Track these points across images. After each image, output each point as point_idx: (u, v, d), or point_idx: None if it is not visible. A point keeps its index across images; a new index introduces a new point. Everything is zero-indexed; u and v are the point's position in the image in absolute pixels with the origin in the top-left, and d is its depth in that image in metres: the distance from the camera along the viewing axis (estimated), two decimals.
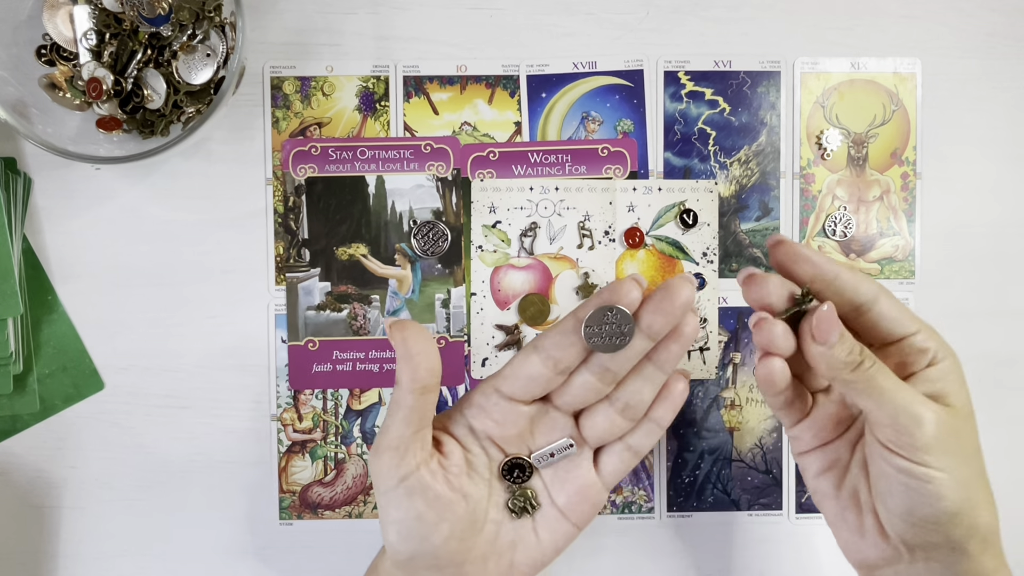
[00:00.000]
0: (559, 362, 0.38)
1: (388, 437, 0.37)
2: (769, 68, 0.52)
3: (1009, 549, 0.53)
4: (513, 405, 0.39)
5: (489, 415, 0.40)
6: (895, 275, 0.53)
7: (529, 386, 0.38)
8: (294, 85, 0.51)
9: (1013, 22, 0.53)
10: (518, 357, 0.39)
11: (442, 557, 0.38)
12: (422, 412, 0.37)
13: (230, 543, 0.51)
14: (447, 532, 0.38)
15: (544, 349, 0.38)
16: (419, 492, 0.37)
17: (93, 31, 0.47)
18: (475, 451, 0.40)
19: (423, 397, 0.37)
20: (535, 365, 0.38)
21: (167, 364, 0.51)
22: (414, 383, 0.36)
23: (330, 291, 0.51)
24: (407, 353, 0.36)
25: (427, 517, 0.38)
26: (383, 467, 0.37)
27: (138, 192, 0.51)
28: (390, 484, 0.37)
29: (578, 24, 0.52)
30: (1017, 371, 0.53)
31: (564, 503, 0.41)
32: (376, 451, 0.38)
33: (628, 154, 0.52)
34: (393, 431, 0.37)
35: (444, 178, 0.52)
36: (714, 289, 0.52)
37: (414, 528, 0.38)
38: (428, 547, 0.38)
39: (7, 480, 0.51)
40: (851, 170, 0.53)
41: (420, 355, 0.36)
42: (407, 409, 0.37)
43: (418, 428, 0.38)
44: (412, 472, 0.37)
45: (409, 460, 0.37)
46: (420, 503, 0.37)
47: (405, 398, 0.37)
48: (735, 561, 0.53)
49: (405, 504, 0.37)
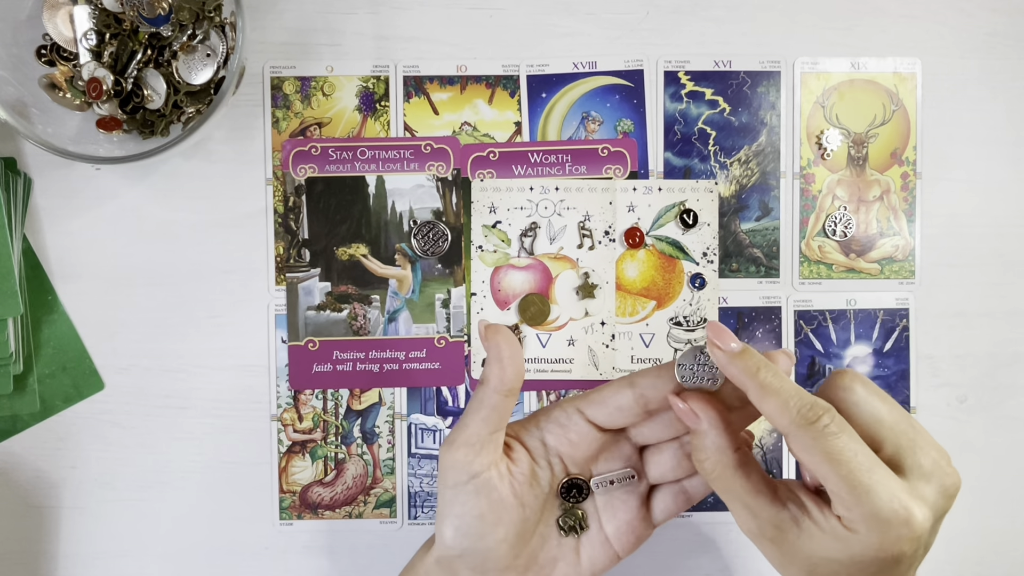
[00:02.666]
0: (649, 402, 0.39)
1: (466, 433, 0.39)
2: (769, 68, 0.52)
3: (1009, 549, 0.54)
4: (591, 429, 0.40)
5: (566, 433, 0.41)
6: (895, 275, 0.53)
7: (614, 416, 0.40)
8: (294, 85, 0.51)
9: (1013, 22, 0.53)
10: (611, 387, 0.40)
11: (490, 559, 0.39)
12: (502, 414, 0.39)
13: (230, 543, 0.51)
14: (501, 535, 0.39)
15: (638, 387, 0.39)
16: (485, 492, 0.38)
17: (93, 31, 0.47)
18: (542, 464, 0.41)
19: (506, 400, 0.38)
20: (627, 399, 0.39)
21: (167, 364, 0.51)
22: (502, 384, 0.38)
23: (330, 291, 0.51)
24: (499, 356, 0.38)
25: (487, 517, 0.38)
26: (456, 462, 0.38)
27: (138, 192, 0.51)
28: (460, 479, 0.38)
29: (578, 24, 0.52)
30: (1017, 371, 0.53)
31: (612, 531, 0.42)
32: (451, 445, 0.39)
33: (628, 154, 0.52)
34: (472, 428, 0.38)
35: (444, 178, 0.52)
36: (714, 289, 0.52)
37: (473, 526, 0.39)
38: (481, 546, 0.39)
39: (7, 480, 0.51)
40: (851, 170, 0.53)
41: (510, 359, 0.38)
42: (489, 409, 0.38)
43: (495, 429, 0.39)
44: (483, 471, 0.38)
45: (483, 459, 0.38)
46: (484, 502, 0.38)
47: (490, 397, 0.38)
48: (735, 561, 0.53)
49: (471, 501, 0.38)
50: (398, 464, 0.52)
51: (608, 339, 0.52)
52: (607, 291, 0.52)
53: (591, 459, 0.41)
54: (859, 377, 0.36)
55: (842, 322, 0.53)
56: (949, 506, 0.35)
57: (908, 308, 0.53)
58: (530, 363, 0.52)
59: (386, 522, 0.52)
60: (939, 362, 0.53)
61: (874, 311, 0.53)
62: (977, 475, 0.53)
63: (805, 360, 0.53)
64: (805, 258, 0.53)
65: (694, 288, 0.52)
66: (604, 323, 0.52)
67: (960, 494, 0.53)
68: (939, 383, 0.53)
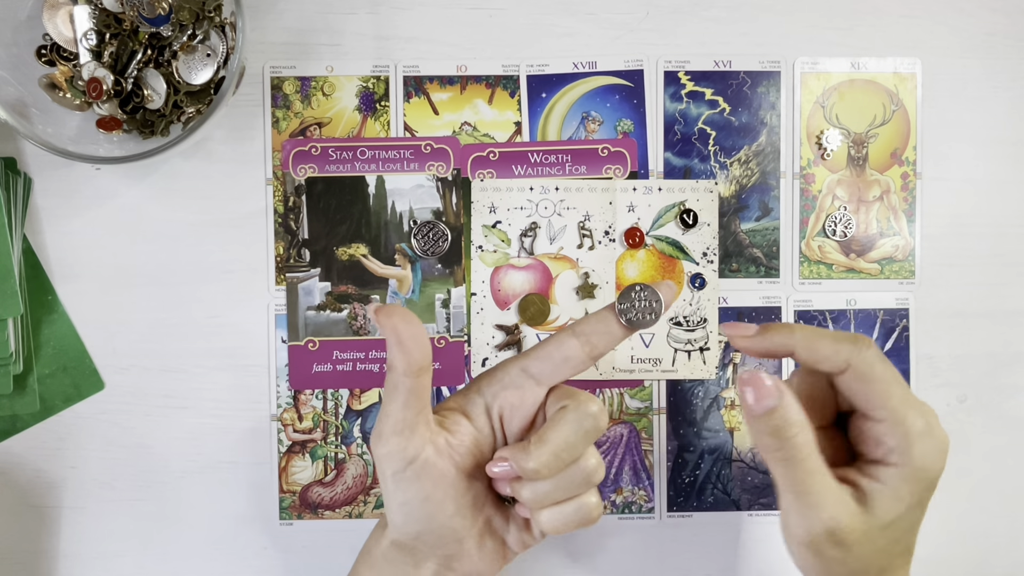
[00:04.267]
0: (595, 347, 0.39)
1: (391, 422, 0.37)
2: (769, 68, 0.52)
3: (1009, 549, 0.54)
4: (534, 386, 0.39)
5: (508, 395, 0.40)
6: (895, 275, 0.53)
7: (560, 369, 0.39)
8: (294, 85, 0.51)
9: (1013, 22, 0.53)
10: (553, 341, 0.39)
11: (446, 535, 0.39)
12: (420, 393, 0.37)
13: (230, 543, 0.51)
14: (452, 510, 0.38)
15: (583, 334, 0.39)
16: (426, 473, 0.38)
17: (93, 31, 0.47)
18: (485, 431, 0.40)
19: (419, 379, 0.37)
20: (573, 348, 0.39)
21: (167, 364, 0.51)
22: (410, 366, 0.37)
23: (330, 291, 0.51)
24: (399, 339, 0.36)
25: (434, 496, 0.38)
26: (390, 452, 0.37)
27: (138, 192, 0.51)
28: (398, 467, 0.37)
29: (578, 24, 0.52)
30: (1017, 371, 0.53)
31: None
32: (379, 437, 0.38)
33: (628, 154, 0.52)
34: (396, 415, 0.37)
35: (444, 178, 0.52)
36: (714, 289, 0.52)
37: (421, 509, 0.38)
38: (434, 525, 0.38)
39: (7, 480, 0.51)
40: (851, 170, 0.53)
41: (412, 339, 0.36)
42: (406, 393, 0.37)
43: (419, 410, 0.38)
44: (419, 454, 0.37)
45: (415, 442, 0.37)
46: (428, 483, 0.38)
47: (403, 382, 0.37)
48: (735, 561, 0.53)
49: (414, 486, 0.38)
50: None
51: None
52: (607, 291, 0.52)
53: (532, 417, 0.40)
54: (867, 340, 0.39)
55: (842, 322, 0.53)
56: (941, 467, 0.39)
57: (908, 308, 0.53)
58: None
59: None
60: (939, 362, 0.53)
61: (874, 311, 0.53)
62: (977, 475, 0.53)
63: None
64: (805, 258, 0.53)
65: (694, 288, 0.52)
66: None
67: (960, 494, 0.53)
68: (939, 383, 0.53)
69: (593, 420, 0.37)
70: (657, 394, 0.52)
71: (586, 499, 0.39)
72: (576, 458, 0.37)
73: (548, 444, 0.37)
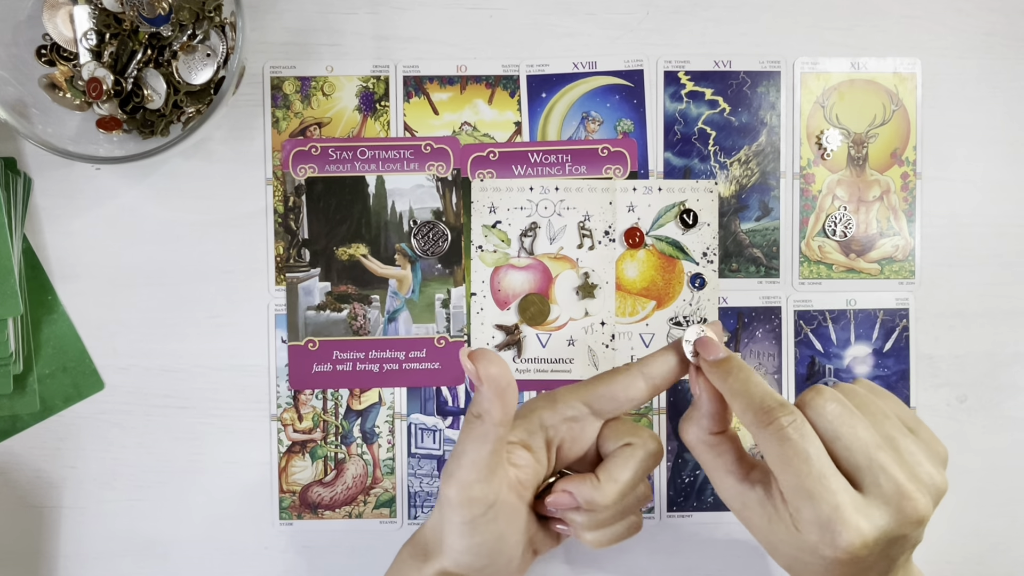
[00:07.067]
0: (659, 387, 0.40)
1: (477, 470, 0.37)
2: (769, 68, 0.52)
3: (1009, 549, 0.54)
4: (594, 421, 0.40)
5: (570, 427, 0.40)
6: (895, 275, 0.53)
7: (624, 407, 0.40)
8: (294, 85, 0.51)
9: (1013, 22, 0.53)
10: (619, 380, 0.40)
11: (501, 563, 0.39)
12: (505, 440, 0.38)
13: (230, 543, 0.51)
14: (515, 541, 0.39)
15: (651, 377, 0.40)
16: (503, 513, 0.38)
17: (93, 31, 0.47)
18: (544, 463, 0.40)
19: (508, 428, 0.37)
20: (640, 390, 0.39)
21: (167, 364, 0.51)
22: (506, 416, 0.36)
23: (330, 291, 0.51)
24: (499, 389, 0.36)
25: (507, 534, 0.38)
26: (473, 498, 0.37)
27: (138, 192, 0.51)
28: (478, 512, 0.37)
29: (578, 24, 0.52)
30: (1017, 371, 0.53)
31: None
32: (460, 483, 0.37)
33: (628, 154, 0.52)
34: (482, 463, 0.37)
35: (444, 178, 0.52)
36: (714, 289, 0.52)
37: (494, 546, 0.38)
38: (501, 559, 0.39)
39: (7, 480, 0.51)
40: (851, 170, 0.53)
41: (509, 390, 0.36)
42: (497, 442, 0.37)
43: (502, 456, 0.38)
44: (498, 497, 0.37)
45: (495, 486, 0.37)
46: (503, 523, 0.38)
47: (495, 431, 0.36)
48: (735, 561, 0.53)
49: (491, 527, 0.38)
50: (398, 464, 0.52)
51: (608, 339, 0.52)
52: (607, 291, 0.52)
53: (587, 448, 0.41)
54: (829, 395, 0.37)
55: (842, 322, 0.53)
56: (908, 531, 0.36)
57: (908, 308, 0.53)
58: (530, 363, 0.52)
59: (386, 522, 0.52)
60: (939, 362, 0.53)
61: (874, 311, 0.53)
62: (977, 475, 0.53)
63: (805, 360, 0.53)
64: (805, 258, 0.53)
65: (694, 288, 0.52)
66: (604, 323, 0.52)
67: (960, 494, 0.53)
68: (939, 383, 0.53)
69: (657, 460, 0.39)
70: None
71: (635, 519, 0.40)
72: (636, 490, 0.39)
73: (617, 483, 0.38)
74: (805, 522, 0.35)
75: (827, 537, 0.35)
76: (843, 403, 0.37)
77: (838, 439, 0.36)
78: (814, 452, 0.35)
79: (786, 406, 0.36)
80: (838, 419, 0.36)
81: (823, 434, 0.36)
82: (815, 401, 0.37)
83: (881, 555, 0.36)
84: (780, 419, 0.36)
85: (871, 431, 0.36)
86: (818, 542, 0.35)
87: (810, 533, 0.35)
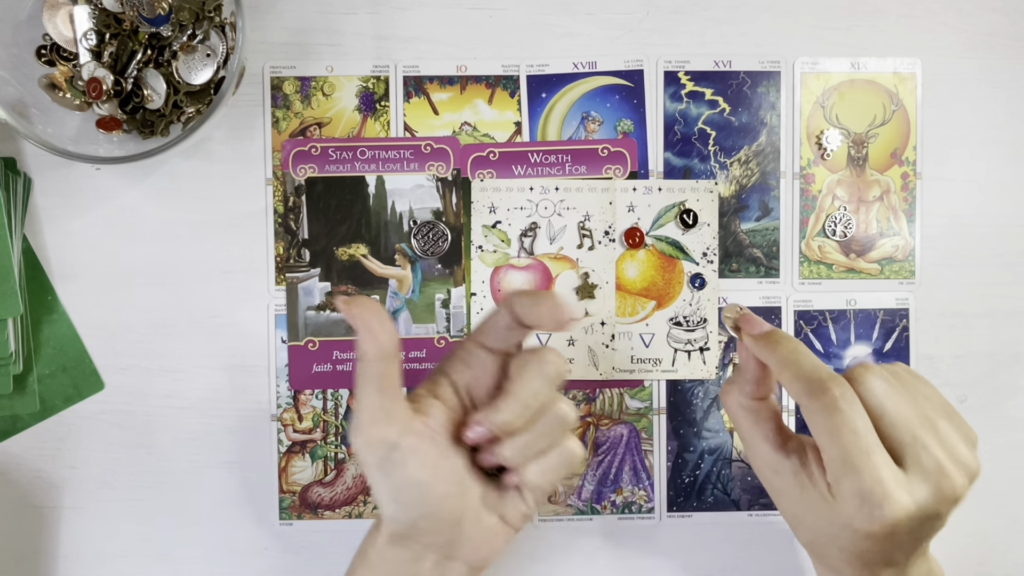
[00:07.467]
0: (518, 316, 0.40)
1: (368, 412, 0.38)
2: (769, 68, 0.52)
3: (1009, 549, 0.54)
4: (489, 357, 0.40)
5: (470, 369, 0.41)
6: (895, 275, 0.53)
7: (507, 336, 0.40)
8: (294, 85, 0.51)
9: (1013, 22, 0.53)
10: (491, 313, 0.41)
11: (442, 516, 0.39)
12: (392, 379, 0.38)
13: (230, 543, 0.51)
14: (442, 491, 0.39)
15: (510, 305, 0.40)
16: (410, 457, 0.38)
17: (93, 31, 0.47)
18: (458, 410, 0.41)
19: (390, 364, 0.38)
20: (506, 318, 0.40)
21: (167, 364, 0.51)
22: (380, 351, 0.37)
23: (330, 291, 0.51)
24: (367, 325, 0.37)
25: (422, 479, 0.38)
26: (370, 441, 0.38)
27: (138, 192, 0.51)
28: (381, 455, 0.38)
29: (578, 24, 0.52)
30: (1017, 371, 0.53)
31: None
32: (358, 429, 0.38)
33: (628, 154, 0.52)
34: (372, 404, 0.38)
35: (444, 178, 0.52)
36: (714, 289, 0.52)
37: (412, 493, 0.38)
38: (428, 509, 0.38)
39: (7, 480, 0.51)
40: (851, 170, 0.53)
41: (379, 325, 0.37)
42: (379, 379, 0.38)
43: (393, 396, 0.38)
44: (400, 440, 0.38)
45: (394, 428, 0.38)
46: (414, 467, 0.38)
47: (374, 367, 0.38)
48: (735, 561, 0.53)
49: (400, 472, 0.38)
50: None
51: (608, 339, 0.52)
52: (607, 291, 0.52)
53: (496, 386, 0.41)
54: (877, 372, 0.39)
55: (842, 322, 0.53)
56: (944, 509, 0.37)
57: (908, 308, 0.53)
58: None
59: None
60: (939, 362, 0.53)
61: (874, 311, 0.53)
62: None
63: None
64: (805, 258, 0.53)
65: (694, 288, 0.52)
66: (604, 323, 0.52)
67: None
68: (939, 383, 0.53)
69: (553, 365, 0.39)
70: (657, 394, 0.52)
71: (567, 444, 0.40)
72: (545, 404, 0.39)
73: (513, 394, 0.38)
74: (845, 494, 0.37)
75: (866, 509, 0.36)
76: (890, 381, 0.38)
77: (884, 415, 0.38)
78: (862, 425, 0.37)
79: (837, 378, 0.38)
80: (885, 395, 0.38)
81: (870, 409, 0.38)
82: (864, 376, 0.38)
83: (912, 534, 0.37)
84: (832, 391, 0.37)
85: (914, 410, 0.38)
86: (855, 514, 0.36)
87: (848, 504, 0.37)
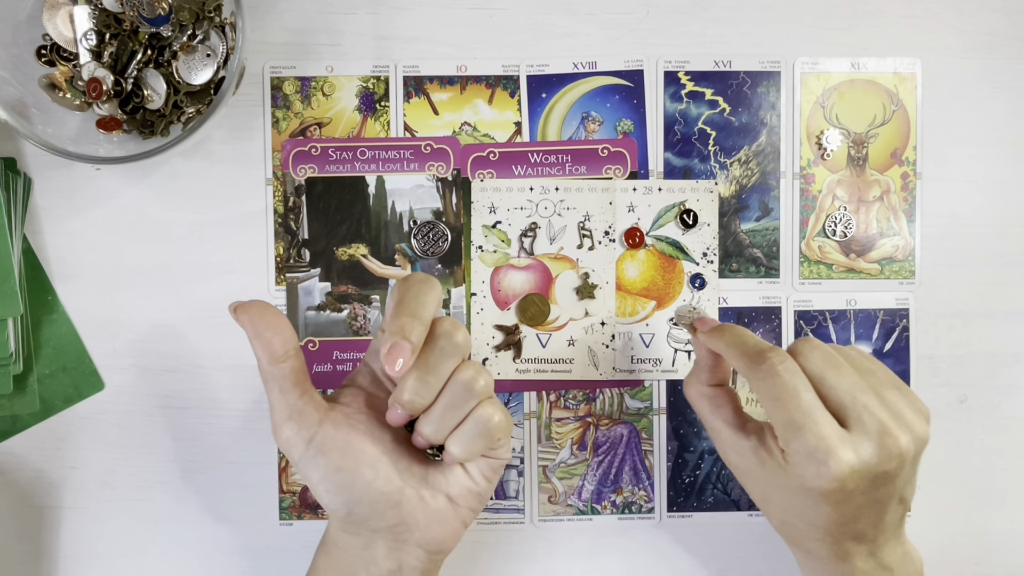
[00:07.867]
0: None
1: (277, 412, 0.39)
2: (769, 68, 0.52)
3: (1009, 549, 0.54)
4: None
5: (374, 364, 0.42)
6: (895, 275, 0.53)
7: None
8: (294, 85, 0.51)
9: (1013, 22, 0.53)
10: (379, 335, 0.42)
11: (377, 500, 0.39)
12: (293, 378, 0.39)
13: (230, 543, 0.51)
14: (371, 475, 0.39)
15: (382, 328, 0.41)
16: (329, 446, 0.39)
17: (93, 31, 0.47)
18: (380, 396, 0.42)
19: (287, 365, 0.39)
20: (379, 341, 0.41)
21: (167, 364, 0.51)
22: (272, 356, 0.39)
23: (330, 291, 0.51)
24: (255, 331, 0.38)
25: (344, 465, 0.39)
26: (287, 438, 0.39)
27: (138, 192, 0.51)
28: (300, 450, 0.39)
29: (578, 24, 0.52)
30: (1017, 371, 0.53)
31: None
32: (275, 430, 0.40)
33: (628, 154, 0.52)
34: (279, 404, 0.39)
35: (444, 178, 0.52)
36: (714, 289, 0.52)
37: (337, 481, 0.39)
38: (357, 493, 0.39)
39: (7, 480, 0.51)
40: (851, 170, 0.53)
41: (268, 329, 0.38)
42: (279, 380, 0.39)
43: (300, 393, 0.39)
44: (315, 431, 0.39)
45: (308, 422, 0.39)
46: (334, 455, 0.39)
47: (272, 371, 0.39)
48: (735, 561, 0.53)
49: (320, 461, 0.39)
50: None
51: (608, 339, 0.52)
52: (607, 291, 0.52)
53: None
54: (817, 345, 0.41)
55: (842, 322, 0.53)
56: (891, 467, 0.39)
57: (908, 308, 0.53)
58: (530, 363, 0.52)
59: None
60: (939, 362, 0.53)
61: (874, 311, 0.53)
62: (977, 475, 0.53)
63: None
64: (805, 258, 0.53)
65: (694, 288, 0.52)
66: (604, 323, 0.52)
67: (960, 494, 0.53)
68: (939, 383, 0.53)
69: (446, 337, 0.39)
70: (657, 394, 0.52)
71: (480, 411, 0.40)
72: (446, 375, 0.39)
73: (412, 371, 0.38)
74: (794, 455, 0.39)
75: (813, 467, 0.38)
76: (830, 352, 0.41)
77: (824, 381, 0.39)
78: (802, 387, 0.39)
79: (776, 349, 0.40)
80: (824, 362, 0.40)
81: (811, 376, 0.40)
82: (803, 347, 0.41)
83: (866, 495, 0.39)
84: (771, 359, 0.39)
85: (856, 377, 0.40)
86: (805, 475, 0.38)
87: (798, 467, 0.38)
